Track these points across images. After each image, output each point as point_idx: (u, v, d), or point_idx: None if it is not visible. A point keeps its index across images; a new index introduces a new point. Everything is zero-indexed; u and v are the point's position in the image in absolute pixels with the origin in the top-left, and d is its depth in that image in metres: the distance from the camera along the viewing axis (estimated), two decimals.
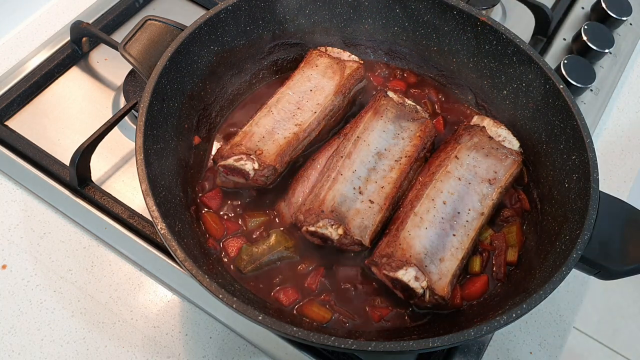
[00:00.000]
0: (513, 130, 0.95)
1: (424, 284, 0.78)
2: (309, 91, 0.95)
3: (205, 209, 0.89)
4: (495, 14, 1.31)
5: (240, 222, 0.88)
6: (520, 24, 1.28)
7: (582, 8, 1.32)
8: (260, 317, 0.68)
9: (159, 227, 0.72)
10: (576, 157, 0.85)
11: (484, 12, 1.12)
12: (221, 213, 0.89)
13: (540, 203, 0.91)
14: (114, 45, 1.05)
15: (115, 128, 1.01)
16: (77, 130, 1.04)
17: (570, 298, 0.98)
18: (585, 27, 1.22)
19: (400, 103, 0.96)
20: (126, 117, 1.06)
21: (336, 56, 1.00)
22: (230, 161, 0.86)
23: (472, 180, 0.88)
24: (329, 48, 1.02)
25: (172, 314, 0.90)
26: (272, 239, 0.86)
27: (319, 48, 1.01)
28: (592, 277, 0.85)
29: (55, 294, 0.90)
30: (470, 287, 0.85)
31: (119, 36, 1.13)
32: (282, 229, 0.88)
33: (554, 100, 0.90)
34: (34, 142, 1.00)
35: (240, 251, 0.85)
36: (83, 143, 0.92)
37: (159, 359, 0.86)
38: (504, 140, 0.94)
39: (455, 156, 0.90)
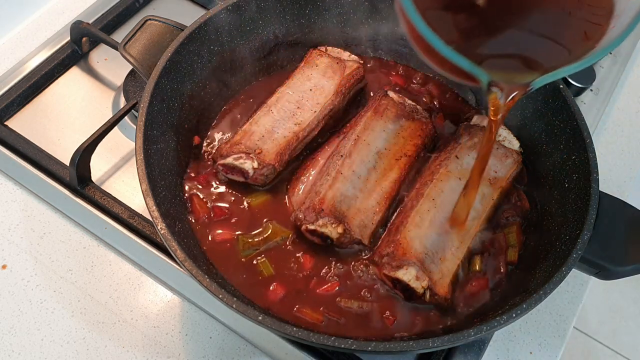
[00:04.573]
0: (513, 130, 0.95)
1: (425, 283, 0.78)
2: (309, 90, 0.95)
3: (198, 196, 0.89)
4: None
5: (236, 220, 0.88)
6: None
7: None
8: (260, 317, 0.68)
9: (159, 227, 0.72)
10: (576, 157, 0.85)
11: None
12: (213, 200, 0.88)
13: (540, 203, 0.91)
14: (114, 45, 1.05)
15: (115, 128, 1.01)
16: (77, 130, 1.04)
17: (570, 298, 0.98)
18: None
19: (401, 103, 0.96)
20: (126, 117, 1.06)
21: (336, 56, 1.00)
22: (229, 160, 0.86)
23: None
24: (329, 48, 1.02)
25: (172, 314, 0.90)
26: (269, 231, 0.86)
27: (319, 48, 1.01)
28: (592, 277, 0.85)
29: (55, 294, 0.90)
30: (471, 287, 0.85)
31: (119, 36, 1.13)
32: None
33: (554, 100, 0.90)
34: (34, 142, 1.00)
35: (236, 242, 0.84)
36: (83, 143, 0.92)
37: (159, 359, 0.86)
38: (504, 140, 0.94)
39: (456, 156, 0.90)
